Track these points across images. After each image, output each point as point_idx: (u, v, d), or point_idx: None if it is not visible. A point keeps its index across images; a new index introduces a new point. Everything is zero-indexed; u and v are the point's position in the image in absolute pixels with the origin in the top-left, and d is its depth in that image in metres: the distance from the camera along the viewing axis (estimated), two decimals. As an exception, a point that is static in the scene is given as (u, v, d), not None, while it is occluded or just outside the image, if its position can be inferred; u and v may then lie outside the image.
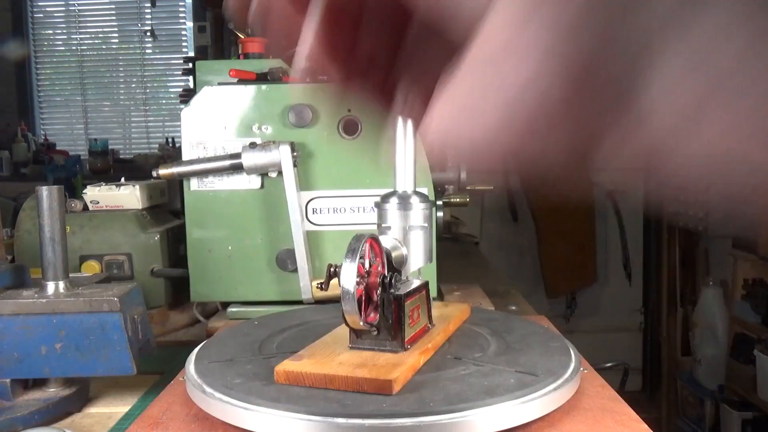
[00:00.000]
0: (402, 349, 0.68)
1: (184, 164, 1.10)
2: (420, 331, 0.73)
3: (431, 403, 0.59)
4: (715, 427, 2.83)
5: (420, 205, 0.73)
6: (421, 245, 0.73)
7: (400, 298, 0.68)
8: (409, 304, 0.70)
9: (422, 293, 0.74)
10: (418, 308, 0.73)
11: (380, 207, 0.74)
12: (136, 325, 0.78)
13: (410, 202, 0.72)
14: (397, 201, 0.73)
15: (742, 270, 2.70)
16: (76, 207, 1.23)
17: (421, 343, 0.71)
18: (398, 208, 0.72)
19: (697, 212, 2.95)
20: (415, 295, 0.72)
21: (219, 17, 4.17)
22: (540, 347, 0.74)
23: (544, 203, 3.61)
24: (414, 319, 0.72)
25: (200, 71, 1.29)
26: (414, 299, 0.71)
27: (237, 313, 1.14)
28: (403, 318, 0.68)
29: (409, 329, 0.70)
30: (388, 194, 0.74)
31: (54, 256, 0.76)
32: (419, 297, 0.73)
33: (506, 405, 0.59)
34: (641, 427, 0.60)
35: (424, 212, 0.73)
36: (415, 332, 0.71)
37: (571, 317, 3.76)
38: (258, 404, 0.60)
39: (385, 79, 0.34)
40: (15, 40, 4.60)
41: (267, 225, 1.12)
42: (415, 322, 0.72)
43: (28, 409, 0.75)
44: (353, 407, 0.58)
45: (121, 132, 4.83)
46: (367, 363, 0.64)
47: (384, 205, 0.73)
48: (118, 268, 1.17)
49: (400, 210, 0.73)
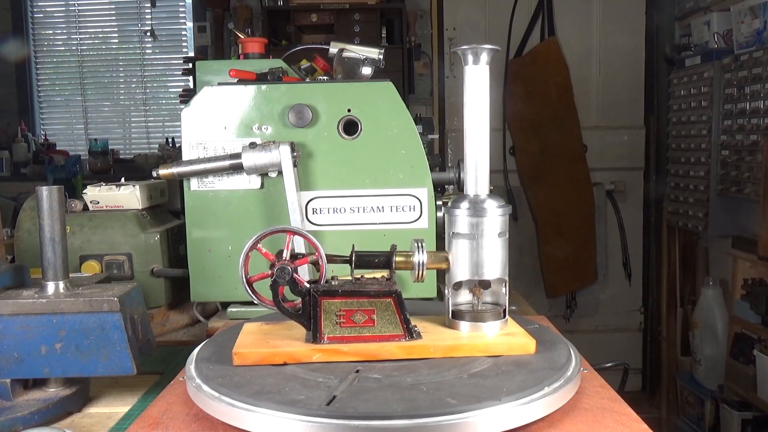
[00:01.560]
0: (315, 341, 0.73)
1: (184, 164, 1.10)
2: (368, 337, 0.73)
3: (433, 405, 0.59)
4: (715, 427, 2.82)
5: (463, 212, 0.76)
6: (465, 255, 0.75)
7: (311, 292, 0.73)
8: (338, 303, 0.73)
9: (378, 300, 0.74)
10: (363, 312, 0.74)
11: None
12: (136, 325, 0.78)
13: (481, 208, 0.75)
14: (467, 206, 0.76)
15: (742, 270, 2.70)
16: (76, 207, 1.23)
17: (361, 347, 0.72)
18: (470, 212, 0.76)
19: (697, 212, 2.95)
20: (349, 297, 0.73)
21: (219, 17, 4.17)
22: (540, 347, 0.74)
23: (544, 203, 3.61)
24: (353, 322, 0.73)
25: (200, 71, 1.29)
26: (348, 301, 0.73)
27: (237, 313, 1.14)
28: (317, 313, 0.73)
29: (335, 328, 0.73)
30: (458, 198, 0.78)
31: (54, 256, 0.76)
32: (368, 302, 0.73)
33: (507, 406, 0.59)
34: (641, 427, 0.60)
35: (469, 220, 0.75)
36: (354, 335, 0.73)
37: (571, 317, 3.75)
38: (258, 404, 0.60)
39: None
40: (15, 40, 4.60)
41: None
42: (356, 324, 0.74)
43: (28, 409, 0.75)
44: (352, 408, 0.58)
45: (121, 132, 4.83)
46: (277, 337, 0.76)
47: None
48: (118, 268, 1.17)
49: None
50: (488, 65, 0.77)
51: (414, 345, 0.73)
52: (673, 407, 3.32)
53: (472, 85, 0.77)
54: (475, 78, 0.77)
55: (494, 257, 0.75)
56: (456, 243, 0.76)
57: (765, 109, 2.49)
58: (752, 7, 2.60)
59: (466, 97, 0.78)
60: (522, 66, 3.64)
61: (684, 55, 3.15)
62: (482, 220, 0.75)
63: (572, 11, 3.65)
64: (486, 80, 0.77)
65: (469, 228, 0.75)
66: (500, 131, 3.73)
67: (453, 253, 0.76)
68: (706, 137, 2.85)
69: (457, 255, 0.76)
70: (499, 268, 0.76)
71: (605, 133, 3.69)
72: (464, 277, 0.75)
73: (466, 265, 0.75)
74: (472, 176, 0.78)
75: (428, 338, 0.74)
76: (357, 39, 3.49)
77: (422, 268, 0.76)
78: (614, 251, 3.76)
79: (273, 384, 0.65)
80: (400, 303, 0.74)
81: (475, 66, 0.77)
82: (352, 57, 1.22)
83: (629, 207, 3.76)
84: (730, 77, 2.71)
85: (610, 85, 3.68)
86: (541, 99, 3.61)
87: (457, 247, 0.76)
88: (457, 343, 0.73)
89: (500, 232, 0.75)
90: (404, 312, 0.74)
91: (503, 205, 0.76)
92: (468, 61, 0.77)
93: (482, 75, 0.77)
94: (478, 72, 0.77)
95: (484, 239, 0.74)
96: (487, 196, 0.77)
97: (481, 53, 0.76)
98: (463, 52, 0.76)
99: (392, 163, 1.11)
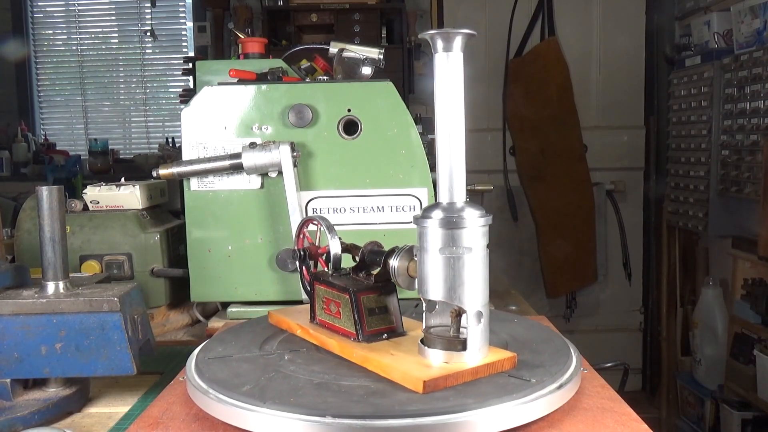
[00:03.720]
0: (311, 320, 0.80)
1: (184, 164, 1.10)
2: (337, 327, 0.76)
3: (434, 404, 0.59)
4: (715, 427, 2.82)
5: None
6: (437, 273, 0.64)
7: (311, 276, 0.79)
8: (323, 290, 0.78)
9: (341, 295, 0.75)
10: (335, 303, 0.77)
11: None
12: (136, 325, 0.78)
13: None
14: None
15: (742, 270, 2.70)
16: (76, 207, 1.23)
17: (325, 336, 0.76)
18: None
19: (697, 212, 2.95)
20: (326, 286, 0.77)
21: (219, 17, 4.17)
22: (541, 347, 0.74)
23: (544, 203, 3.62)
24: (329, 310, 0.77)
25: (200, 71, 1.29)
26: (327, 290, 0.77)
27: (237, 313, 1.14)
28: (312, 295, 0.79)
29: (322, 312, 0.78)
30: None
31: (54, 256, 0.76)
32: (336, 295, 0.76)
33: (508, 406, 0.59)
34: (641, 427, 0.60)
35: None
36: (331, 322, 0.77)
37: (571, 317, 3.75)
38: (258, 404, 0.60)
39: None
40: (15, 40, 4.60)
41: (267, 225, 1.12)
42: (331, 313, 0.77)
43: (28, 409, 0.75)
44: (352, 408, 0.58)
45: (121, 132, 4.83)
46: (304, 313, 0.82)
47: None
48: (118, 268, 1.17)
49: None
50: (462, 52, 0.66)
51: (357, 350, 0.71)
52: (673, 407, 3.32)
53: (443, 76, 0.65)
54: (446, 67, 0.65)
55: (473, 276, 0.64)
56: (427, 260, 0.65)
57: (765, 109, 2.49)
58: (752, 7, 2.60)
59: (436, 90, 0.66)
60: (522, 66, 3.64)
61: (684, 55, 3.15)
62: (459, 232, 0.64)
63: (572, 11, 3.65)
64: (460, 69, 0.66)
65: (443, 242, 0.64)
66: (500, 131, 3.73)
67: (422, 272, 0.66)
68: (706, 137, 2.85)
69: (426, 274, 0.65)
70: (480, 290, 0.65)
71: (605, 133, 3.70)
72: (437, 298, 0.65)
73: (439, 286, 0.64)
74: (446, 181, 0.65)
75: (378, 346, 0.72)
76: (357, 39, 3.49)
77: (395, 274, 0.71)
78: (614, 251, 3.76)
79: (320, 392, 0.64)
80: (355, 302, 0.73)
81: (447, 54, 0.65)
82: (352, 57, 1.22)
83: (629, 207, 3.76)
84: (730, 77, 2.71)
85: (610, 85, 3.68)
86: (541, 99, 3.61)
87: (428, 265, 0.65)
88: (391, 363, 0.66)
89: (481, 246, 0.65)
90: (358, 312, 0.73)
91: (484, 215, 0.65)
92: (438, 48, 0.65)
93: (455, 64, 0.65)
94: (451, 60, 0.65)
95: (463, 255, 0.64)
96: (465, 203, 0.66)
97: (454, 38, 0.64)
98: (431, 38, 0.65)
99: (392, 163, 1.11)
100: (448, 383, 0.62)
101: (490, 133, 3.74)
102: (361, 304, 0.73)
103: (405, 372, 0.63)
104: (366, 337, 0.73)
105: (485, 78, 3.71)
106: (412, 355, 0.68)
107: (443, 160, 0.66)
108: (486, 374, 0.65)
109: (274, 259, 1.11)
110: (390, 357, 0.68)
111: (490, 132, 3.74)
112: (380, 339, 0.73)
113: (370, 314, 0.74)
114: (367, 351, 0.70)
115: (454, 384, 0.63)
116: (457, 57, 0.65)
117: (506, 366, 0.66)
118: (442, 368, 0.64)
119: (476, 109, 3.73)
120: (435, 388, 0.61)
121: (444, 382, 0.62)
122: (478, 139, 3.74)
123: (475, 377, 0.64)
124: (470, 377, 0.64)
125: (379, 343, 0.72)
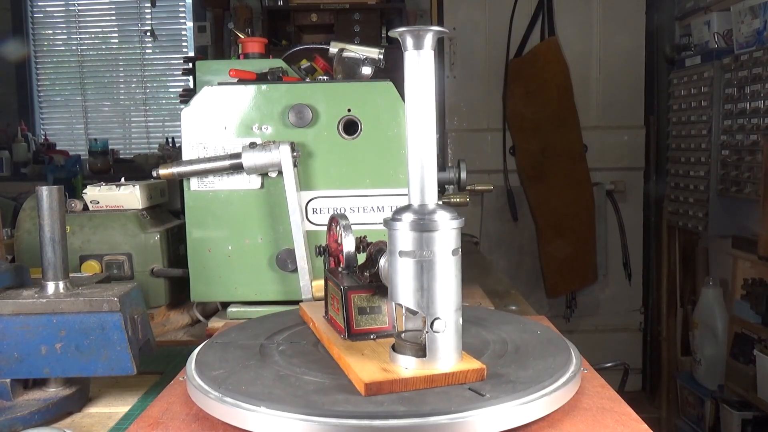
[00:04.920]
0: (324, 314, 0.83)
1: (184, 164, 1.10)
2: (336, 323, 0.78)
3: (434, 404, 0.59)
4: (715, 427, 2.82)
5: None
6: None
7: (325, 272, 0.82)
8: (330, 286, 0.80)
9: (337, 291, 0.76)
10: (336, 300, 0.78)
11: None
12: (136, 325, 0.78)
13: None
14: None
15: (742, 270, 2.70)
16: (76, 207, 1.23)
17: (326, 331, 0.77)
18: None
19: (697, 212, 2.95)
20: (331, 282, 0.80)
21: (219, 17, 4.17)
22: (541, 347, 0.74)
23: (544, 203, 3.62)
24: (334, 306, 0.79)
25: (200, 71, 1.29)
26: (332, 286, 0.79)
27: (237, 313, 1.14)
28: (326, 289, 0.82)
29: (330, 308, 0.81)
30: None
31: (54, 256, 0.76)
32: (335, 290, 0.77)
33: (507, 406, 0.59)
34: (641, 427, 0.60)
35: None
36: (335, 318, 0.78)
37: (571, 317, 3.75)
38: (258, 404, 0.60)
39: None
40: (15, 40, 4.60)
41: (267, 225, 1.12)
42: (335, 309, 0.78)
43: (28, 409, 0.75)
44: (352, 408, 0.58)
45: (121, 132, 4.83)
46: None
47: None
48: (118, 268, 1.17)
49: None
50: (433, 50, 0.65)
51: (337, 347, 0.71)
52: (673, 407, 3.32)
53: (413, 74, 0.64)
54: (417, 65, 0.64)
55: (441, 281, 0.63)
56: (395, 263, 0.64)
57: (765, 109, 2.49)
58: (752, 7, 2.60)
59: (406, 89, 0.65)
60: (522, 66, 3.64)
61: (684, 55, 3.15)
62: (431, 235, 0.62)
63: (572, 11, 3.65)
64: (431, 67, 0.65)
65: (414, 245, 0.62)
66: (500, 131, 3.73)
67: (391, 276, 0.65)
68: (706, 137, 2.85)
69: (395, 278, 0.64)
70: (446, 296, 0.63)
71: (605, 133, 3.70)
72: (404, 303, 0.64)
73: (407, 291, 0.63)
74: (417, 182, 0.64)
75: (359, 345, 0.72)
76: (357, 39, 3.49)
77: (382, 275, 0.71)
78: (614, 251, 3.76)
79: (274, 383, 0.65)
80: (344, 300, 0.74)
81: (418, 51, 0.64)
82: (352, 57, 1.22)
83: (629, 207, 3.76)
84: (730, 77, 2.71)
85: (610, 85, 3.68)
86: (541, 99, 3.61)
87: (395, 269, 0.64)
88: (353, 363, 0.66)
89: (453, 250, 0.63)
90: (347, 310, 0.73)
91: (456, 218, 0.64)
92: (408, 45, 0.64)
93: (426, 61, 0.64)
94: (422, 58, 0.64)
95: (435, 258, 0.62)
96: (437, 206, 0.64)
97: (425, 36, 0.63)
98: (401, 35, 0.64)
99: (392, 163, 1.11)
100: (394, 389, 0.61)
101: (490, 133, 3.74)
102: (351, 302, 0.74)
103: (356, 373, 0.63)
104: (353, 335, 0.73)
105: (485, 78, 3.71)
106: (379, 358, 0.67)
107: (414, 161, 0.64)
108: (443, 384, 0.63)
109: (274, 259, 1.11)
110: (359, 357, 0.67)
111: (490, 132, 3.74)
112: (367, 339, 0.73)
113: (360, 313, 0.74)
114: (344, 349, 0.70)
115: (401, 390, 0.61)
116: (428, 55, 0.64)
117: (471, 378, 0.63)
118: (394, 374, 0.63)
119: (476, 109, 3.73)
120: (378, 392, 0.61)
121: (389, 387, 0.61)
122: (478, 139, 3.74)
123: (431, 386, 0.62)
124: (424, 385, 0.62)
125: (362, 343, 0.72)
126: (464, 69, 3.71)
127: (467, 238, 2.21)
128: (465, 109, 3.75)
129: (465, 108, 3.75)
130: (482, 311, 0.94)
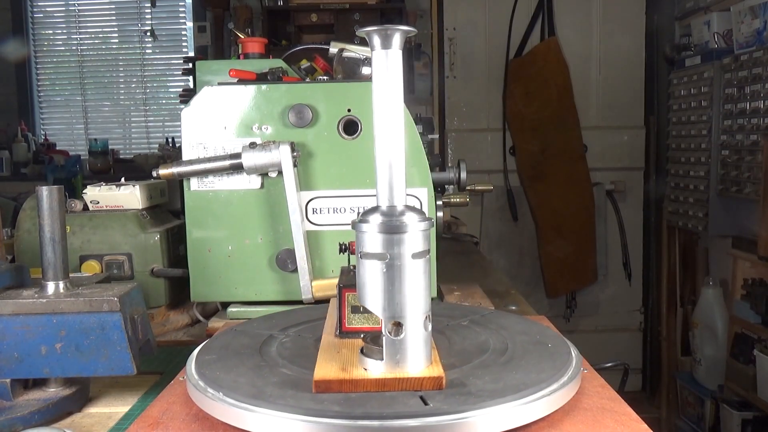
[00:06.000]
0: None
1: (184, 164, 1.10)
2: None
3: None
4: (715, 427, 2.82)
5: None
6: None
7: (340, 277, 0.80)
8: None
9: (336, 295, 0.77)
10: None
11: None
12: (136, 325, 0.78)
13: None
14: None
15: (742, 270, 2.70)
16: (76, 207, 1.23)
17: (327, 332, 0.77)
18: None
19: (697, 212, 2.95)
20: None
21: (219, 17, 4.17)
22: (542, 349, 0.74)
23: (544, 203, 3.62)
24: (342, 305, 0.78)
25: (200, 71, 1.29)
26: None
27: (237, 313, 1.14)
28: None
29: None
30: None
31: (54, 256, 0.76)
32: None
33: (507, 406, 0.59)
34: (641, 427, 0.60)
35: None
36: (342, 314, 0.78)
37: (571, 317, 3.76)
38: (258, 404, 0.60)
39: None
40: (15, 40, 4.60)
41: (267, 225, 1.12)
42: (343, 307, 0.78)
43: (28, 409, 0.75)
44: (352, 408, 0.58)
45: (121, 132, 4.83)
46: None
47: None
48: (118, 268, 1.17)
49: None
50: (401, 50, 0.65)
51: (323, 343, 0.73)
52: (673, 407, 3.32)
53: (381, 73, 0.64)
54: (384, 65, 0.64)
55: (406, 284, 0.62)
56: (364, 265, 0.63)
57: (765, 109, 2.49)
58: (752, 7, 2.60)
59: (374, 88, 0.64)
60: (522, 66, 3.64)
61: (684, 55, 3.15)
62: (401, 237, 0.61)
63: (572, 11, 3.65)
64: (399, 67, 0.64)
65: (382, 247, 0.61)
66: (500, 131, 3.73)
67: (360, 279, 0.64)
68: (706, 137, 2.85)
69: (365, 281, 0.63)
70: (418, 299, 0.62)
71: (605, 133, 3.70)
72: (376, 310, 0.63)
73: (373, 294, 0.62)
74: (385, 183, 0.63)
75: (342, 343, 0.72)
76: (357, 39, 3.48)
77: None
78: (614, 251, 3.77)
79: (275, 383, 0.65)
80: (339, 297, 0.75)
81: (386, 51, 0.63)
82: (352, 57, 1.22)
83: (629, 207, 3.76)
84: (730, 77, 2.71)
85: (610, 85, 3.68)
86: (541, 99, 3.61)
87: (365, 271, 0.63)
88: (321, 360, 0.67)
89: (419, 252, 0.62)
90: (340, 308, 0.74)
91: (424, 219, 0.63)
92: (375, 45, 0.63)
93: (394, 61, 0.64)
94: (390, 58, 0.64)
95: (398, 261, 0.61)
96: (405, 207, 0.63)
97: (393, 35, 0.63)
98: (368, 35, 0.63)
99: (392, 163, 1.11)
100: (343, 389, 0.62)
101: (490, 133, 3.74)
102: (344, 300, 0.74)
103: (316, 370, 0.63)
104: (343, 333, 0.74)
105: (485, 78, 3.71)
106: (349, 358, 0.67)
107: (382, 162, 0.64)
108: (395, 389, 0.62)
109: (274, 259, 1.11)
110: (332, 354, 0.68)
111: (490, 132, 3.74)
112: (356, 337, 0.73)
113: (353, 311, 0.75)
114: (325, 345, 0.71)
115: (350, 391, 0.62)
116: (396, 54, 0.64)
117: (427, 385, 0.62)
118: (348, 374, 0.63)
119: (476, 109, 3.74)
120: (326, 390, 0.61)
121: (338, 386, 0.62)
122: (478, 139, 3.74)
123: (381, 389, 0.62)
124: (374, 388, 0.62)
125: (347, 341, 0.73)
126: (464, 69, 3.71)
127: (467, 238, 2.21)
128: (465, 109, 3.75)
129: (465, 108, 3.75)
130: (482, 311, 0.94)
